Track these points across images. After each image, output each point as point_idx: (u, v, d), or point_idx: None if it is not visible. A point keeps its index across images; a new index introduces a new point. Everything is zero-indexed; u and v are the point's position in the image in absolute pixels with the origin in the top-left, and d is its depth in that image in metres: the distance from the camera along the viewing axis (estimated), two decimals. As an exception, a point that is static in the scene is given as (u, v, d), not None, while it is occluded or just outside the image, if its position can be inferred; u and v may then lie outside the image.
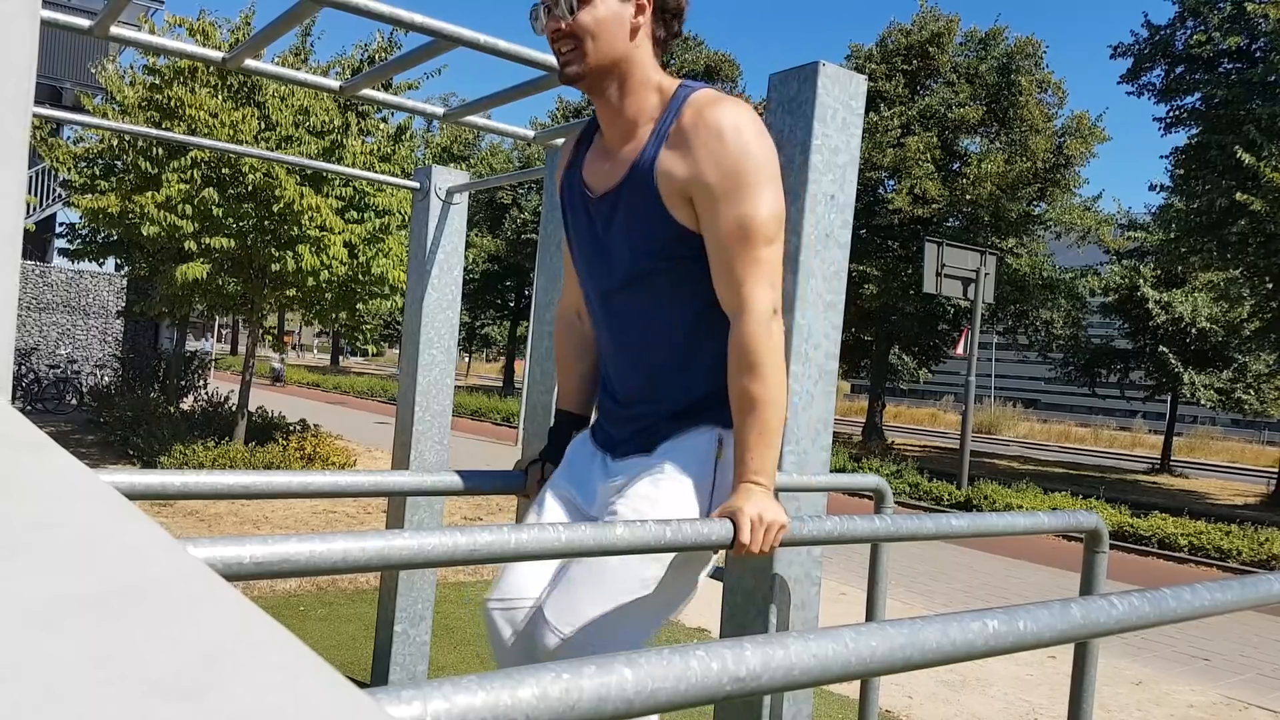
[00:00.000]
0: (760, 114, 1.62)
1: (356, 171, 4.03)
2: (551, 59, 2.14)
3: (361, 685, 0.52)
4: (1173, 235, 16.73)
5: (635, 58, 1.52)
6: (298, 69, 8.34)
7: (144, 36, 2.36)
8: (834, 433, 2.42)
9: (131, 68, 11.35)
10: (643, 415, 1.62)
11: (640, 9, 1.51)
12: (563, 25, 1.49)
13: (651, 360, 1.62)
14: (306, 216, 8.87)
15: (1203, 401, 23.23)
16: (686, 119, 1.48)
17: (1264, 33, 16.03)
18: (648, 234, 1.53)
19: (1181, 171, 17.35)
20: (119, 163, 10.82)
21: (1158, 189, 17.80)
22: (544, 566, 1.58)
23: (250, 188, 8.88)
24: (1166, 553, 10.48)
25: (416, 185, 3.83)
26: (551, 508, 1.68)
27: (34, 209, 17.50)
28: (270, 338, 12.93)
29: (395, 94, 9.58)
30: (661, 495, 1.53)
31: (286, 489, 1.54)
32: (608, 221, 1.57)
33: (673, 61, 30.28)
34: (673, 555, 1.52)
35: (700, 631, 5.20)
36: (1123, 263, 23.28)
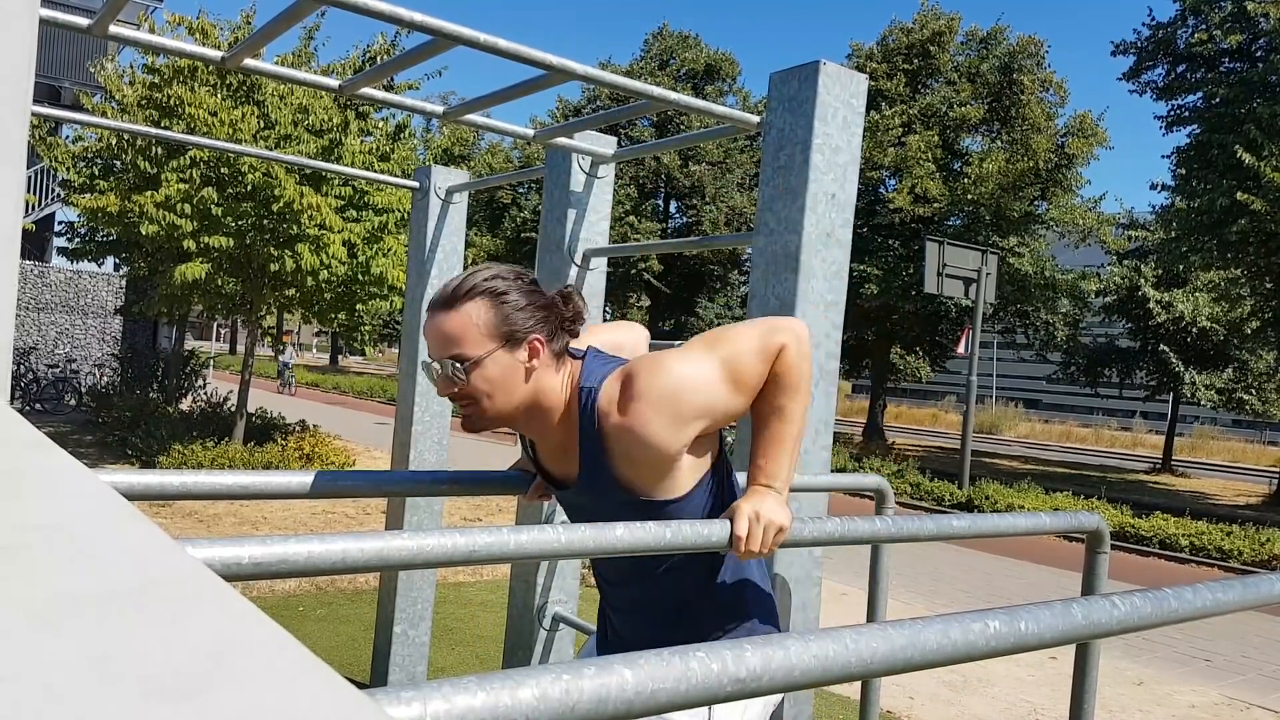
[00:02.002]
0: (760, 113, 1.60)
1: (356, 171, 4.03)
2: (552, 58, 2.14)
3: (361, 686, 0.52)
4: (1173, 235, 16.74)
5: (537, 391, 1.48)
6: (298, 69, 8.34)
7: (143, 35, 2.36)
8: (835, 433, 2.42)
9: (131, 67, 11.35)
10: (652, 633, 1.63)
11: (534, 352, 1.46)
12: (455, 389, 1.46)
13: (649, 616, 1.65)
14: (305, 215, 8.87)
15: (1203, 402, 23.24)
16: (611, 429, 1.44)
17: (1265, 32, 16.04)
18: (628, 510, 1.50)
19: (1182, 171, 17.36)
20: (118, 162, 10.82)
21: (1158, 188, 17.81)
22: None
23: (249, 187, 8.88)
24: (1168, 553, 10.48)
25: (416, 185, 3.83)
26: None
27: (33, 208, 17.50)
28: (270, 337, 12.93)
29: (395, 94, 9.57)
30: None
31: (285, 489, 1.53)
32: (584, 506, 1.58)
33: (673, 61, 30.29)
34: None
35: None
36: (1124, 262, 23.29)
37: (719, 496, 1.55)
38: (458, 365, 1.43)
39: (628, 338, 1.81)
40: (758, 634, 1.55)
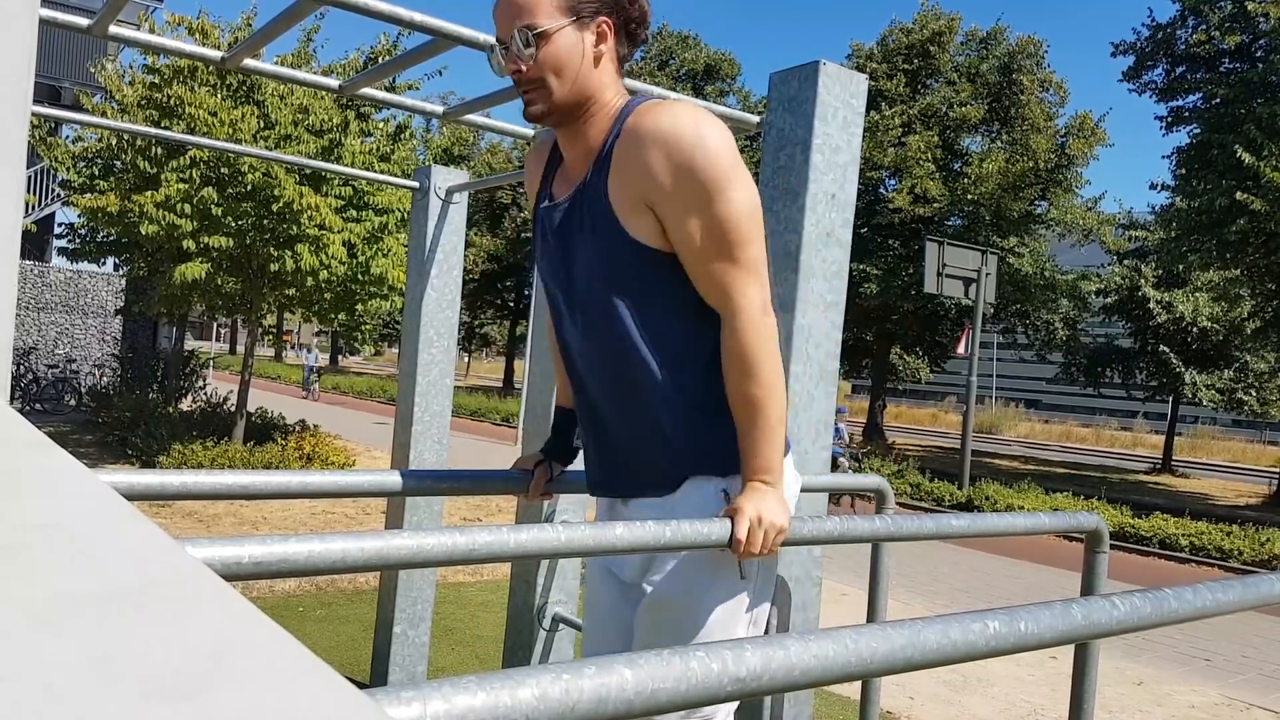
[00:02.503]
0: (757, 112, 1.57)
1: (356, 171, 4.03)
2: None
3: (361, 686, 0.52)
4: (1173, 235, 16.75)
5: (599, 86, 1.44)
6: (298, 70, 8.34)
7: (143, 36, 2.36)
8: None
9: (131, 67, 11.35)
10: (633, 461, 1.56)
11: (602, 36, 1.42)
12: (523, 67, 1.41)
13: (632, 406, 1.54)
14: (305, 215, 8.87)
15: (1204, 402, 23.25)
16: (628, 131, 1.40)
17: (1265, 32, 16.04)
18: (609, 258, 1.45)
19: (1182, 171, 17.37)
20: (118, 162, 10.82)
21: (1158, 188, 17.82)
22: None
23: (249, 187, 8.88)
24: (1168, 553, 10.49)
25: (416, 185, 3.83)
26: (593, 584, 1.70)
27: (32, 208, 17.49)
28: (270, 337, 12.93)
29: (395, 94, 9.58)
30: (692, 593, 1.52)
31: (285, 489, 1.53)
32: (568, 248, 1.51)
33: (673, 61, 30.31)
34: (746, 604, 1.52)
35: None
36: (1124, 262, 23.30)
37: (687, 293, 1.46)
38: (530, 35, 1.38)
39: None
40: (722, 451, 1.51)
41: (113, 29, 2.18)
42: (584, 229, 1.46)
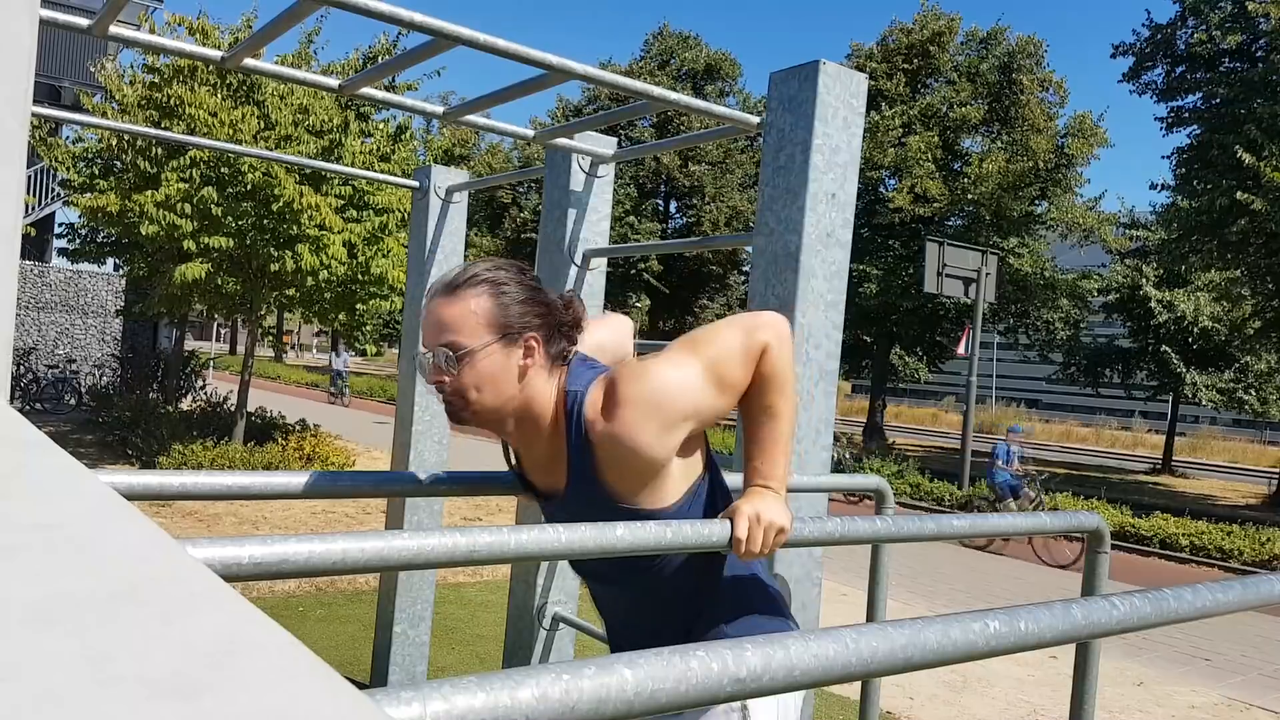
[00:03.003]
0: (761, 116, 1.58)
1: (356, 171, 4.03)
2: (552, 58, 2.14)
3: (361, 686, 0.52)
4: (1174, 235, 16.75)
5: (529, 396, 1.44)
6: (298, 69, 8.34)
7: (143, 36, 2.36)
8: (834, 433, 2.42)
9: (131, 67, 11.35)
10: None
11: (530, 350, 1.42)
12: (444, 380, 1.42)
13: (645, 613, 1.61)
14: (305, 215, 8.87)
15: (1204, 401, 23.24)
16: (602, 434, 1.41)
17: (1265, 32, 16.04)
18: (614, 516, 1.46)
19: (1183, 171, 17.37)
20: (118, 162, 10.82)
21: (1159, 188, 17.82)
22: None
23: (249, 187, 8.88)
24: (1168, 553, 10.49)
25: (416, 185, 3.83)
26: None
27: (32, 209, 17.49)
28: (270, 338, 12.92)
29: (396, 94, 9.57)
30: None
31: (285, 489, 1.53)
32: (570, 513, 1.51)
33: (673, 61, 30.29)
34: None
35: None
36: (1125, 262, 23.30)
37: (711, 504, 1.53)
38: (450, 354, 1.40)
39: (609, 336, 1.76)
40: (763, 629, 1.53)
41: (113, 29, 2.18)
42: (596, 513, 1.45)
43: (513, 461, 1.64)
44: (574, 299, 1.52)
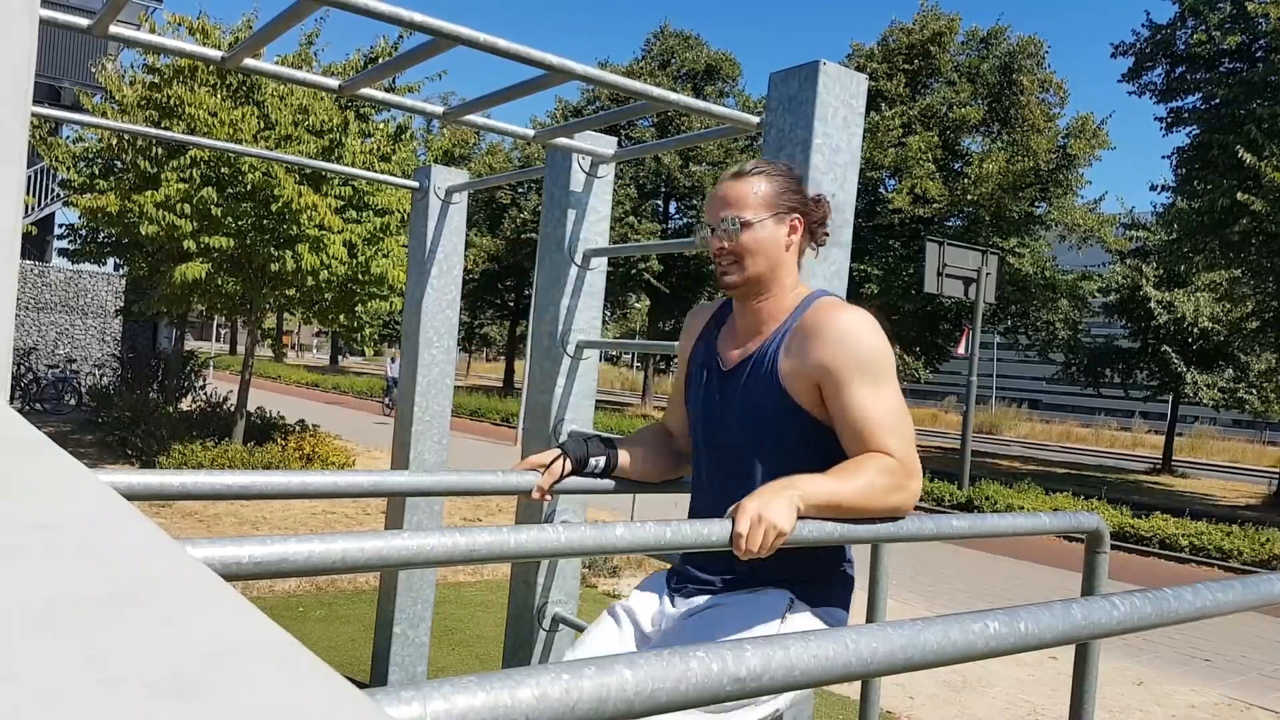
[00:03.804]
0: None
1: (356, 171, 4.03)
2: (552, 58, 2.14)
3: (361, 686, 0.52)
4: (1174, 235, 16.75)
5: (783, 272, 1.72)
6: (298, 70, 8.34)
7: (143, 36, 2.36)
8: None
9: (131, 67, 11.36)
10: (724, 560, 1.69)
11: (794, 229, 1.72)
12: (725, 245, 1.69)
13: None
14: (305, 215, 8.87)
15: (1205, 401, 23.24)
16: (808, 319, 1.66)
17: (1264, 32, 16.04)
18: (764, 409, 1.70)
19: (1183, 171, 17.37)
20: (118, 162, 10.82)
21: (1159, 189, 17.82)
22: None
23: (249, 187, 8.88)
24: (1168, 553, 10.49)
25: (416, 185, 3.83)
26: (610, 624, 1.79)
27: (32, 209, 17.49)
28: (270, 339, 12.92)
29: (396, 95, 9.58)
30: (728, 622, 1.62)
31: (285, 489, 1.53)
32: (730, 393, 1.75)
33: (673, 61, 30.31)
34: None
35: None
36: (1125, 262, 23.30)
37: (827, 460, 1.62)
38: (738, 222, 1.67)
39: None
40: (833, 583, 1.75)
41: (113, 29, 2.18)
42: (751, 388, 1.71)
43: (711, 327, 1.86)
44: (822, 199, 1.79)
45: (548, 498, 1.82)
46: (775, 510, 1.41)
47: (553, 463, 1.80)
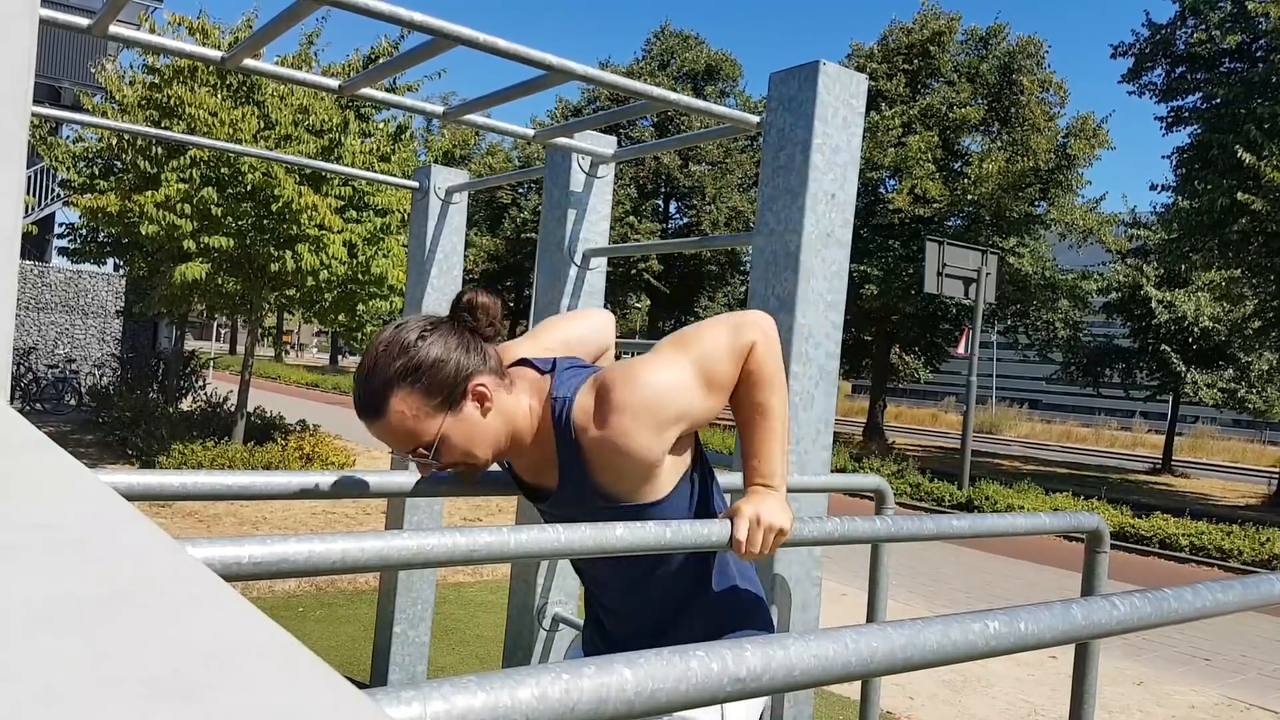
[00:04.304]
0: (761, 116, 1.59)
1: (356, 171, 4.03)
2: (552, 58, 2.14)
3: (361, 686, 0.52)
4: (1175, 235, 16.74)
5: (506, 423, 1.47)
6: (298, 70, 8.33)
7: (143, 36, 2.36)
8: (834, 433, 2.41)
9: (131, 67, 11.36)
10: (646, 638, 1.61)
11: (479, 397, 1.43)
12: (439, 465, 1.46)
13: (647, 616, 1.63)
14: (305, 215, 8.87)
15: (1206, 401, 23.24)
16: (592, 439, 1.42)
17: (1265, 32, 16.03)
18: (610, 517, 1.46)
19: (1183, 171, 17.37)
20: (118, 162, 10.83)
21: (1159, 188, 17.81)
22: None
23: (249, 187, 8.88)
24: (1168, 553, 10.49)
25: (416, 185, 3.83)
26: None
27: (32, 209, 17.49)
28: (270, 338, 12.92)
29: (395, 95, 9.57)
30: None
31: (285, 489, 1.53)
32: (565, 516, 1.52)
33: (674, 61, 30.29)
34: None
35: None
36: (1126, 262, 23.29)
37: (701, 493, 1.55)
38: (424, 453, 1.42)
39: (589, 329, 1.75)
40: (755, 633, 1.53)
41: (113, 29, 2.18)
42: (589, 511, 1.48)
43: (504, 466, 1.66)
44: (473, 296, 1.49)
45: None
46: (773, 510, 1.41)
47: None
